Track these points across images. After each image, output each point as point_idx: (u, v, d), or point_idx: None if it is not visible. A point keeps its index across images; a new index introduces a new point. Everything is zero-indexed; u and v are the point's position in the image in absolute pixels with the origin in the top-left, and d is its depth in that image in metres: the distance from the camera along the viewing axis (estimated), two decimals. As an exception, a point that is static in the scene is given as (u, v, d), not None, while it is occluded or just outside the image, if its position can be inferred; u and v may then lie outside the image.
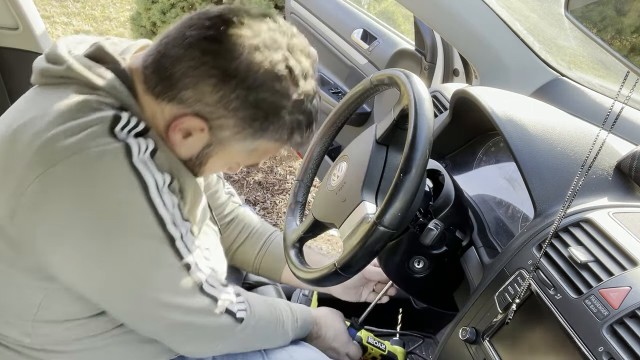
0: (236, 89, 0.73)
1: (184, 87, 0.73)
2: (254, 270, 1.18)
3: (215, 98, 0.73)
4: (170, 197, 0.75)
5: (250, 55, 0.72)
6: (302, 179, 1.04)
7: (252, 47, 0.73)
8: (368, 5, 3.00)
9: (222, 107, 0.74)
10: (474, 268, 0.90)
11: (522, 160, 0.84)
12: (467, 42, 1.38)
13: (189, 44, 0.73)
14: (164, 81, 0.74)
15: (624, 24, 0.75)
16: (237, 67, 0.72)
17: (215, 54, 0.73)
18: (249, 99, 0.73)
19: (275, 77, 0.74)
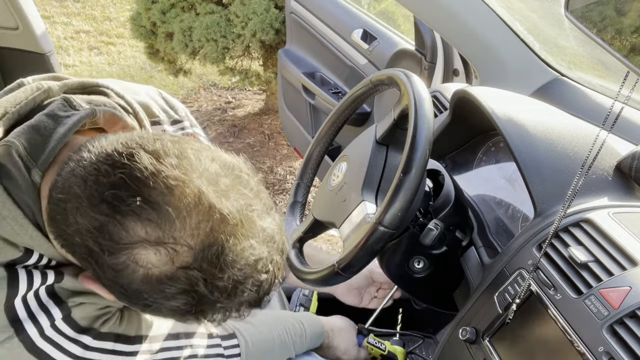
0: (117, 288, 0.58)
1: (68, 243, 0.59)
2: None
3: (93, 274, 0.59)
4: (102, 343, 0.67)
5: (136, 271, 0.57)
6: (302, 178, 1.04)
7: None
8: (368, 5, 3.00)
9: (105, 288, 0.60)
10: (474, 268, 0.90)
11: (522, 160, 0.84)
12: (467, 42, 1.38)
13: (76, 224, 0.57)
14: (60, 239, 0.61)
15: (624, 24, 0.75)
16: (122, 282, 0.58)
17: (99, 238, 0.57)
18: (138, 301, 0.58)
19: (165, 301, 0.58)
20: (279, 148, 3.35)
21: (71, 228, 0.56)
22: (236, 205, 0.56)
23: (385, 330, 1.22)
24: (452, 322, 0.87)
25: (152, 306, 0.58)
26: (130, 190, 0.53)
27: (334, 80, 2.14)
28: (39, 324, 0.62)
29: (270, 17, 2.82)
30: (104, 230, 0.54)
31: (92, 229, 0.54)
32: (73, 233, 0.56)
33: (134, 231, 0.53)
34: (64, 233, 0.57)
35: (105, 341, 0.68)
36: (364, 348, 1.10)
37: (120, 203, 0.53)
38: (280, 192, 2.95)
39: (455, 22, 1.36)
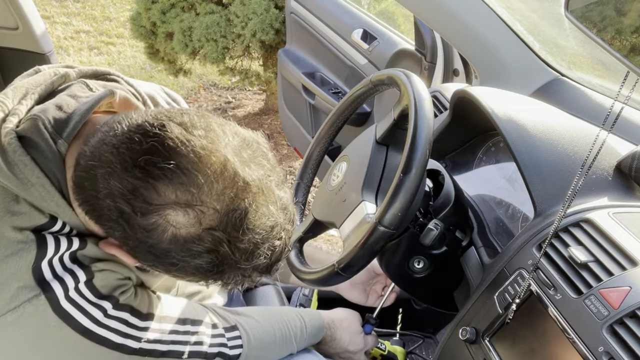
0: (147, 249, 0.61)
1: (97, 208, 0.63)
2: None
3: (122, 240, 0.63)
4: (119, 312, 0.69)
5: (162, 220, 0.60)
6: (302, 178, 1.04)
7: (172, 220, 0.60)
8: (368, 5, 3.00)
9: (132, 252, 0.64)
10: (474, 268, 0.90)
11: (522, 160, 0.84)
12: (467, 42, 1.38)
13: (107, 194, 0.61)
14: (88, 209, 0.64)
15: (624, 24, 0.75)
16: (147, 237, 0.61)
17: (129, 203, 0.60)
18: (164, 259, 0.62)
19: (190, 259, 0.62)
20: (279, 148, 3.34)
21: (102, 192, 0.59)
22: (257, 175, 0.61)
23: (386, 330, 1.23)
24: (452, 322, 0.87)
25: (178, 265, 0.62)
26: (162, 156, 0.57)
27: (334, 80, 2.14)
28: (65, 284, 0.65)
29: (270, 17, 2.82)
30: (137, 192, 0.57)
31: (126, 191, 0.58)
32: (104, 197, 0.59)
33: (166, 194, 0.57)
34: (92, 198, 0.60)
35: (123, 312, 0.70)
36: (373, 335, 1.08)
37: (153, 168, 0.57)
38: (280, 192, 2.95)
39: (455, 22, 1.36)
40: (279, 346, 0.93)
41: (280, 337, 0.92)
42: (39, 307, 0.63)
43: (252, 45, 2.99)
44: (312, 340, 1.00)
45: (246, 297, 1.27)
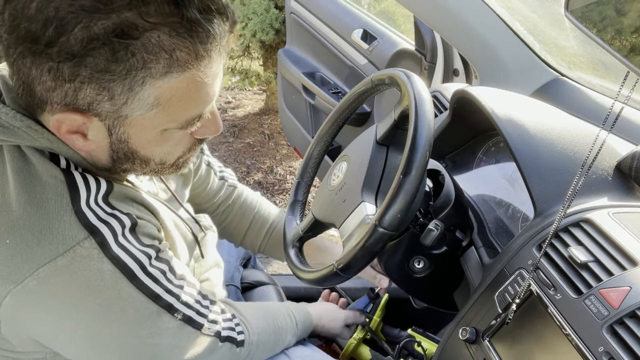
0: (47, 53, 0.56)
1: (32, 86, 0.60)
2: (259, 252, 1.21)
3: (49, 77, 0.58)
4: (160, 264, 0.71)
5: (31, 3, 0.55)
6: (303, 177, 1.04)
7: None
8: (368, 5, 3.00)
9: (63, 82, 0.58)
10: (474, 268, 0.90)
11: (522, 160, 0.84)
12: (467, 42, 1.38)
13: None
14: (21, 90, 0.62)
15: (624, 24, 0.75)
16: (27, 26, 0.55)
17: (4, 25, 0.57)
18: (70, 51, 0.55)
19: (73, 8, 0.55)
20: (279, 148, 3.35)
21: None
22: None
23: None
24: (452, 322, 0.87)
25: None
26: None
27: (334, 80, 2.14)
28: (112, 228, 0.65)
29: (270, 17, 2.82)
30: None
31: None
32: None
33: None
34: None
35: (163, 264, 0.71)
36: (355, 312, 1.18)
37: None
38: (280, 192, 2.95)
39: (455, 22, 1.36)
40: (274, 339, 0.95)
41: (275, 333, 0.95)
42: (91, 250, 0.63)
43: (252, 45, 2.99)
44: (301, 335, 1.02)
45: (245, 296, 1.27)
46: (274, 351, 0.97)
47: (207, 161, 1.10)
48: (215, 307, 0.83)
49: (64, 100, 0.60)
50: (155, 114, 0.63)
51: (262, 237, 1.18)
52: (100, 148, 0.67)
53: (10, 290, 0.62)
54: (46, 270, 0.62)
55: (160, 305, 0.71)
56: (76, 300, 0.65)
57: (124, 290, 0.67)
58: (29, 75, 0.59)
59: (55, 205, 0.63)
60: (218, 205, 1.16)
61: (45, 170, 0.64)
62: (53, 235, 0.62)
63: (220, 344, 0.82)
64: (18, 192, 0.63)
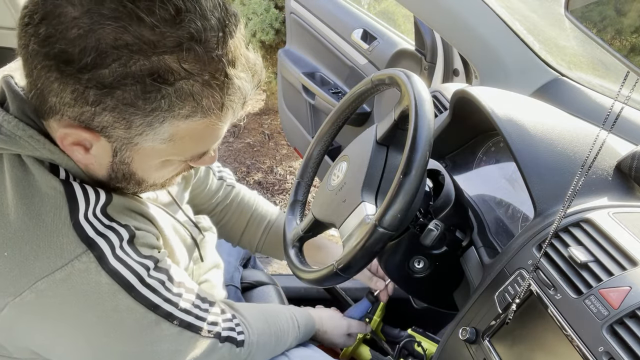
0: (78, 76, 0.56)
1: (47, 94, 0.60)
2: (257, 251, 1.21)
3: (69, 96, 0.58)
4: (158, 274, 0.71)
5: (73, 23, 0.55)
6: (303, 177, 1.04)
7: (71, 15, 0.55)
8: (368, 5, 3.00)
9: (84, 104, 0.58)
10: (474, 268, 0.90)
11: (522, 160, 0.84)
12: (467, 42, 1.38)
13: (20, 36, 0.59)
14: (33, 93, 0.62)
15: (624, 24, 0.75)
16: (63, 47, 0.55)
17: (38, 38, 0.57)
18: (102, 81, 0.56)
19: (118, 35, 0.55)
20: (279, 148, 3.35)
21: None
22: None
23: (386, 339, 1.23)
24: (452, 322, 0.87)
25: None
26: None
27: (334, 80, 2.14)
28: (110, 241, 0.65)
29: (270, 17, 2.82)
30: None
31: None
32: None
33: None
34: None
35: (161, 274, 0.72)
36: (359, 322, 1.16)
37: None
38: (280, 192, 2.95)
39: (455, 22, 1.36)
40: (275, 341, 0.95)
41: (275, 335, 0.95)
42: (89, 264, 0.63)
43: (252, 45, 2.99)
44: (303, 338, 1.02)
45: (245, 296, 1.27)
46: (274, 352, 0.97)
47: None
48: (214, 308, 0.83)
49: (79, 118, 0.61)
50: (165, 147, 0.65)
51: (260, 236, 1.18)
52: (100, 164, 0.68)
53: (8, 302, 0.62)
54: (44, 283, 0.62)
55: (159, 314, 0.71)
56: (74, 313, 0.65)
57: (122, 303, 0.67)
58: (47, 86, 0.59)
59: (54, 218, 0.63)
60: (216, 205, 1.16)
61: (45, 181, 0.64)
62: (51, 249, 0.62)
63: (220, 345, 0.82)
64: (17, 203, 0.63)
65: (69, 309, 0.64)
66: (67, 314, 0.65)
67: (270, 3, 2.83)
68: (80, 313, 0.65)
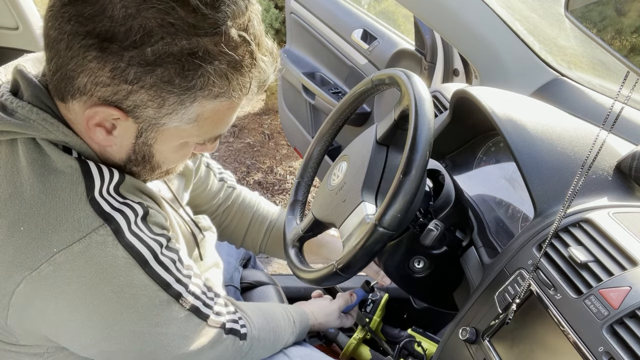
0: (122, 53, 0.58)
1: (75, 75, 0.61)
2: (261, 252, 1.22)
3: (107, 74, 0.60)
4: (170, 253, 0.72)
5: (121, 4, 0.57)
6: (303, 177, 1.04)
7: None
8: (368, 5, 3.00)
9: (122, 82, 0.60)
10: (474, 268, 0.90)
11: (522, 160, 0.84)
12: (467, 42, 1.38)
13: (55, 19, 0.60)
14: (57, 76, 0.63)
15: (624, 24, 0.75)
16: (109, 25, 0.57)
17: (79, 17, 0.58)
18: (145, 58, 0.59)
19: (164, 16, 0.58)
20: (279, 148, 3.35)
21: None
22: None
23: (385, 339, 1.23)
24: (452, 322, 0.87)
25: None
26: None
27: (334, 80, 2.14)
28: (126, 216, 0.67)
29: (270, 17, 2.82)
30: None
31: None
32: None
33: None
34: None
35: (173, 252, 0.73)
36: (350, 316, 1.17)
37: None
38: (280, 192, 2.95)
39: (455, 22, 1.36)
40: (273, 337, 0.96)
41: (273, 331, 0.96)
42: (106, 237, 0.65)
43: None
44: (299, 335, 1.03)
45: (245, 296, 1.27)
46: (273, 349, 0.97)
47: (207, 163, 1.11)
48: (219, 299, 0.84)
49: (111, 97, 0.62)
50: (189, 128, 0.68)
51: (262, 236, 1.18)
52: (120, 146, 0.69)
53: (25, 277, 0.63)
54: (62, 256, 0.63)
55: (170, 294, 0.72)
56: (90, 286, 0.65)
57: (136, 278, 0.68)
58: (81, 65, 0.60)
59: (70, 193, 0.64)
60: (218, 206, 1.16)
61: (61, 160, 0.66)
62: (69, 222, 0.63)
63: (224, 336, 0.83)
64: (32, 182, 0.64)
65: (85, 282, 0.65)
66: (84, 287, 0.65)
67: (270, 3, 2.82)
68: (96, 286, 0.65)
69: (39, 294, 0.64)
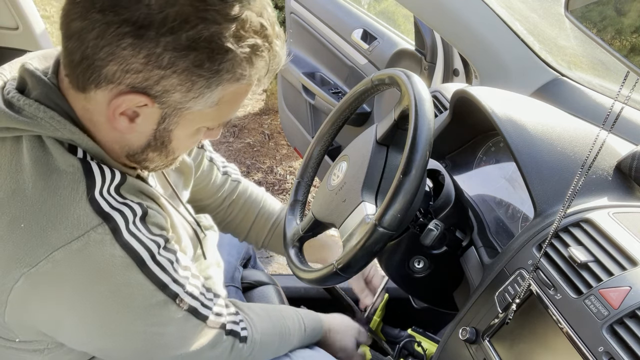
0: (159, 39, 0.61)
1: (103, 64, 0.63)
2: (263, 247, 1.22)
3: (141, 61, 0.62)
4: (167, 254, 0.72)
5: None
6: (303, 177, 1.04)
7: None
8: (368, 5, 3.00)
9: (155, 68, 0.63)
10: (474, 268, 0.90)
11: (522, 160, 0.84)
12: (467, 42, 1.38)
13: (84, 10, 0.62)
14: (80, 67, 0.64)
15: (624, 24, 0.75)
16: (147, 12, 0.60)
17: (115, 6, 0.61)
18: (179, 44, 0.62)
19: (197, 3, 0.62)
20: (279, 148, 3.35)
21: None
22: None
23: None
24: (452, 322, 0.87)
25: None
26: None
27: (334, 80, 2.14)
28: (124, 216, 0.68)
29: (270, 17, 2.82)
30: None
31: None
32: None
33: None
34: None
35: (170, 253, 0.74)
36: (360, 353, 1.13)
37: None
38: (281, 192, 2.95)
39: (455, 22, 1.36)
40: (278, 340, 0.95)
41: (279, 334, 0.95)
42: (104, 236, 0.65)
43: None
44: (308, 341, 1.02)
45: (245, 296, 1.27)
46: (277, 353, 0.97)
47: (210, 157, 1.11)
48: (219, 300, 0.84)
49: (141, 84, 0.64)
50: (209, 111, 0.70)
51: (267, 232, 1.18)
52: (140, 133, 0.71)
53: (24, 273, 0.63)
54: (61, 253, 0.63)
55: (167, 295, 0.72)
56: (88, 284, 0.66)
57: (133, 277, 0.68)
58: (112, 53, 0.62)
59: (71, 192, 0.65)
60: (223, 200, 1.16)
61: (64, 160, 0.67)
62: (68, 220, 0.64)
63: (224, 337, 0.83)
64: (35, 180, 0.65)
65: (83, 280, 0.65)
66: (81, 285, 0.66)
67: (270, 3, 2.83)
68: (93, 285, 0.66)
69: (37, 290, 0.65)
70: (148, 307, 0.71)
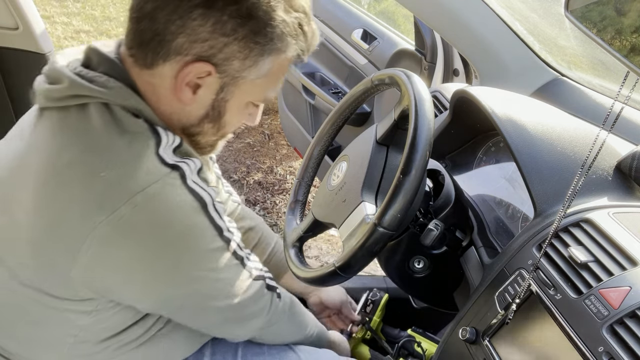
0: (225, 8, 0.68)
1: (173, 37, 0.70)
2: None
3: (208, 29, 0.69)
4: (218, 204, 0.76)
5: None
6: (303, 177, 1.04)
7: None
8: (368, 5, 3.00)
9: (220, 36, 0.70)
10: (474, 268, 0.90)
11: (522, 160, 0.84)
12: (467, 42, 1.38)
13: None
14: (151, 44, 0.71)
15: (624, 24, 0.75)
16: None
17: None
18: (241, 12, 0.69)
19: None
20: (279, 148, 3.35)
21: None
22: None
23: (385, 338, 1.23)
24: (452, 322, 0.88)
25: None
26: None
27: (334, 80, 2.14)
28: (188, 166, 0.73)
29: (270, 17, 2.82)
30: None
31: None
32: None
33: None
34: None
35: (220, 205, 0.78)
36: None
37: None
38: (281, 192, 2.95)
39: (455, 22, 1.36)
40: (300, 315, 1.00)
41: (299, 316, 1.00)
42: (175, 180, 0.71)
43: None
44: (313, 342, 1.02)
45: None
46: (299, 331, 1.00)
47: (216, 173, 1.11)
48: (253, 256, 0.87)
49: (206, 52, 0.70)
50: (259, 82, 0.76)
51: (265, 259, 1.19)
52: (200, 103, 0.76)
53: (102, 221, 0.67)
54: (139, 197, 0.67)
55: (224, 241, 0.76)
56: (161, 227, 0.70)
57: (199, 220, 0.73)
58: (182, 26, 0.68)
59: (143, 147, 0.71)
60: None
61: (133, 122, 0.72)
62: (143, 170, 0.69)
63: (265, 291, 0.87)
64: (108, 137, 0.70)
65: (158, 222, 0.69)
66: (156, 228, 0.70)
67: None
68: (166, 227, 0.70)
69: (112, 238, 0.68)
70: (209, 252, 0.75)
